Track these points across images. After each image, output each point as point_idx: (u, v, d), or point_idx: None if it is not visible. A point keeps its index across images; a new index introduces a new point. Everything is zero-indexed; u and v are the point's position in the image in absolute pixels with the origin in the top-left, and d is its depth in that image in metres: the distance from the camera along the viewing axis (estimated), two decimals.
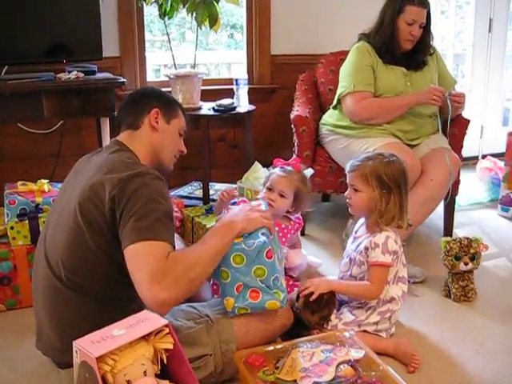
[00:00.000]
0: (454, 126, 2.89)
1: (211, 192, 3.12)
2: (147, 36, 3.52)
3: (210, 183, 3.17)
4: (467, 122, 2.91)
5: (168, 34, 3.05)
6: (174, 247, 1.62)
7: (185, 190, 3.29)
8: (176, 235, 2.40)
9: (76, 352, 1.29)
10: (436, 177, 2.61)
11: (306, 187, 2.23)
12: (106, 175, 1.62)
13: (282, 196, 2.18)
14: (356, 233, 2.14)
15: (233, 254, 1.74)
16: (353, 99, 2.78)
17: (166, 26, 3.02)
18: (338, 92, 2.88)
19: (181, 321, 1.75)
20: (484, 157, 4.05)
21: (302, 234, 3.05)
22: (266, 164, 3.47)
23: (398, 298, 2.02)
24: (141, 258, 1.52)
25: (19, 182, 2.49)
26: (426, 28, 2.80)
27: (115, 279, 1.66)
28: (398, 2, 2.75)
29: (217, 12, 2.93)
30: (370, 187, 1.98)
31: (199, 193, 3.17)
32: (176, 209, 2.69)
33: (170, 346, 1.35)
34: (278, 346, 1.76)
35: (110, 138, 2.70)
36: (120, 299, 1.69)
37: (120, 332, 1.32)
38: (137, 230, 1.54)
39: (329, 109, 3.04)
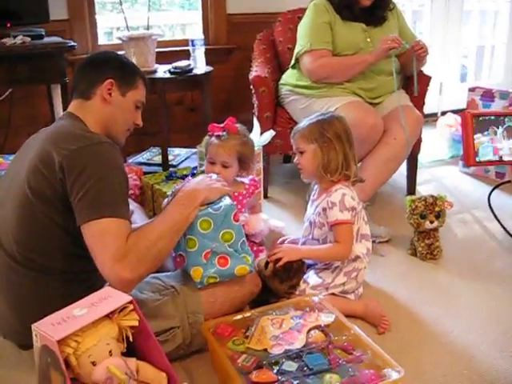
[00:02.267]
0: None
1: (170, 157, 3.04)
2: None
3: (169, 148, 3.08)
4: (428, 78, 2.89)
5: None
6: (130, 221, 1.57)
7: (143, 157, 3.19)
8: (136, 204, 2.35)
9: (36, 336, 1.23)
10: (399, 135, 2.58)
11: (248, 147, 2.12)
12: (54, 145, 1.54)
13: (225, 167, 2.07)
14: (313, 196, 2.11)
15: (199, 219, 1.69)
16: (310, 58, 2.71)
17: None
18: (296, 51, 2.81)
19: (146, 293, 1.69)
20: (443, 113, 4.05)
21: (265, 196, 3.01)
22: None
23: (363, 255, 2.01)
24: (101, 237, 1.48)
25: None
26: None
27: (70, 252, 1.60)
28: None
29: None
30: (311, 144, 1.98)
31: (158, 159, 3.08)
32: (135, 176, 2.60)
33: (135, 323, 1.31)
34: (247, 314, 1.74)
35: (63, 105, 2.57)
36: (78, 273, 1.64)
37: (82, 312, 1.26)
38: (95, 205, 1.48)
39: (288, 69, 2.96)
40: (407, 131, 2.55)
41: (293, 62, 2.87)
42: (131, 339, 1.31)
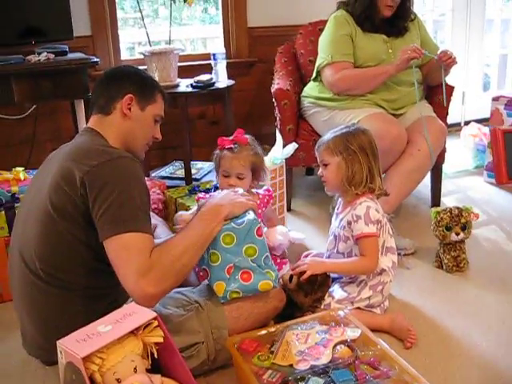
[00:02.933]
0: (439, 94, 2.84)
1: (193, 171, 3.04)
2: (119, 14, 3.39)
3: (192, 162, 3.09)
4: (452, 88, 2.85)
5: (141, 11, 2.92)
6: (153, 236, 1.57)
7: (166, 171, 3.20)
8: (159, 219, 2.35)
9: (61, 353, 1.22)
10: (423, 146, 2.55)
11: (259, 157, 2.12)
12: (75, 161, 1.54)
13: (240, 178, 2.06)
14: (338, 209, 2.09)
15: (222, 234, 1.69)
16: (331, 70, 2.70)
17: (138, 2, 2.90)
18: (317, 63, 2.81)
19: (170, 309, 1.69)
20: (467, 123, 4.00)
21: (289, 209, 2.99)
22: None
23: (389, 269, 1.98)
24: (124, 252, 1.47)
25: None
26: None
27: (93, 268, 1.60)
28: None
29: None
30: (335, 157, 1.97)
31: (181, 173, 3.09)
32: (158, 191, 2.61)
33: (160, 340, 1.29)
34: (272, 330, 1.71)
35: (86, 120, 2.59)
36: (102, 289, 1.64)
37: (106, 328, 1.25)
38: (117, 220, 1.48)
39: (309, 81, 2.96)
40: (429, 142, 2.52)
41: (314, 74, 2.87)
42: (156, 356, 1.30)
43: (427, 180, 2.94)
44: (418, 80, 2.79)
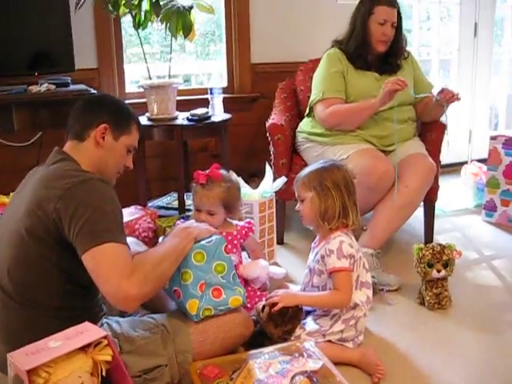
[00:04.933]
0: (431, 131, 2.88)
1: (188, 202, 3.10)
2: (136, 48, 3.52)
3: (188, 193, 3.15)
4: (444, 126, 2.88)
5: (142, 45, 3.04)
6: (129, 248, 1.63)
7: (163, 201, 3.28)
8: (146, 248, 2.40)
9: (9, 366, 1.27)
10: (411, 183, 2.57)
11: (232, 193, 2.16)
12: (48, 188, 1.60)
13: (211, 214, 2.13)
14: (315, 243, 2.12)
15: (193, 252, 1.78)
16: (322, 106, 2.77)
17: (139, 37, 3.02)
18: (310, 100, 2.88)
19: (138, 331, 1.72)
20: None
21: (281, 242, 3.02)
22: (248, 173, 3.48)
23: (362, 303, 1.99)
24: (105, 259, 1.52)
25: None
26: (398, 29, 2.80)
27: (66, 289, 1.64)
28: (368, 5, 2.76)
29: (191, 21, 2.92)
30: (309, 192, 2.01)
31: (176, 203, 3.15)
32: (149, 219, 2.68)
33: (109, 358, 1.33)
34: (235, 357, 1.74)
35: None
36: (75, 310, 1.68)
37: (56, 344, 1.30)
38: (94, 234, 1.53)
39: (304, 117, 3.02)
40: (395, 196, 2.53)
41: (308, 110, 2.94)
42: (104, 374, 1.34)
43: (421, 216, 2.96)
44: (411, 117, 2.84)
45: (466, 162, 4.28)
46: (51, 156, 1.78)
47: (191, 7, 2.93)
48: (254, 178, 3.44)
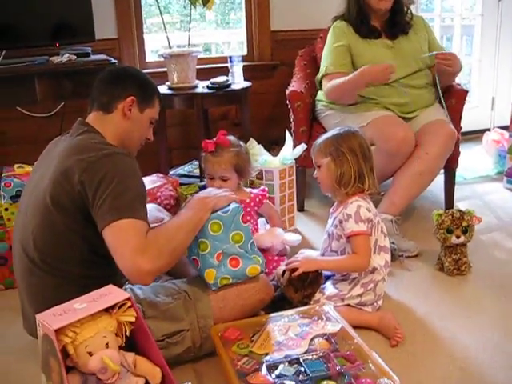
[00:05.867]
0: (452, 97, 2.85)
1: None
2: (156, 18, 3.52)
3: None
4: (465, 92, 2.85)
5: (162, 15, 3.04)
6: (148, 224, 1.66)
7: (184, 169, 3.31)
8: (169, 214, 2.44)
9: (39, 325, 1.32)
10: (431, 150, 2.56)
11: (242, 157, 2.19)
12: (73, 159, 1.63)
13: (224, 180, 2.15)
14: (333, 209, 2.13)
15: (210, 222, 1.79)
16: (325, 81, 2.81)
17: (159, 6, 3.02)
18: (317, 75, 2.92)
19: (160, 297, 1.78)
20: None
21: (302, 209, 3.05)
22: (269, 140, 3.49)
23: (380, 267, 2.01)
24: (122, 235, 1.56)
25: (16, 165, 2.55)
26: None
27: (88, 259, 1.70)
28: None
29: None
30: (325, 158, 2.02)
31: (198, 171, 3.19)
32: (171, 187, 2.71)
33: (132, 319, 1.38)
34: (256, 320, 1.79)
35: None
36: (96, 278, 1.70)
37: (82, 305, 1.35)
38: (114, 209, 1.57)
39: None
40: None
41: (318, 85, 2.96)
42: (128, 334, 1.39)
43: (442, 183, 2.95)
44: (429, 83, 2.80)
45: (488, 129, 4.23)
46: (75, 127, 1.81)
47: None
48: (274, 145, 3.44)
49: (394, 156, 2.53)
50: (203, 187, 2.70)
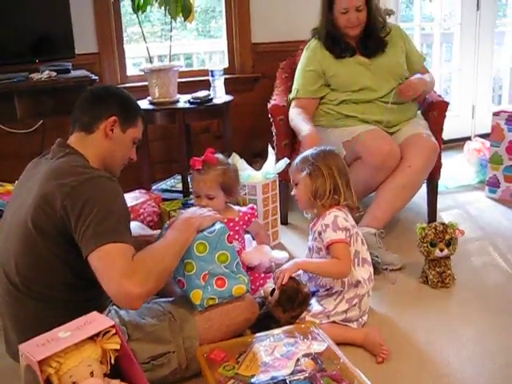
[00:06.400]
0: (433, 109, 2.87)
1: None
2: (133, 28, 3.51)
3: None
4: (446, 104, 2.87)
5: (142, 28, 3.03)
6: (134, 247, 1.64)
7: (167, 184, 3.30)
8: (152, 232, 2.42)
9: (21, 356, 1.30)
10: (414, 163, 2.58)
11: (229, 175, 2.16)
12: (54, 184, 1.61)
13: (210, 198, 2.13)
14: (312, 224, 2.15)
15: (195, 243, 1.79)
16: (292, 104, 2.87)
17: (139, 19, 3.00)
18: (289, 95, 2.96)
19: (145, 319, 1.76)
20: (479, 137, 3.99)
21: (285, 223, 3.04)
22: (252, 153, 3.49)
23: (364, 281, 2.02)
24: (108, 260, 1.55)
25: None
26: (369, 8, 2.70)
27: (72, 283, 1.68)
28: None
29: (190, 3, 2.90)
30: (301, 173, 2.07)
31: (180, 186, 3.17)
32: (153, 204, 2.70)
33: (117, 346, 1.36)
34: (241, 340, 1.78)
35: None
36: (81, 302, 1.71)
37: (65, 334, 1.33)
38: (99, 234, 1.56)
39: None
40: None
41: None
42: (113, 361, 1.37)
43: (425, 194, 2.97)
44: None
45: (469, 138, 4.27)
46: (55, 149, 1.78)
47: None
48: (257, 158, 3.45)
49: (380, 170, 2.54)
50: (186, 203, 2.70)
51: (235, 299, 1.84)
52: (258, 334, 1.80)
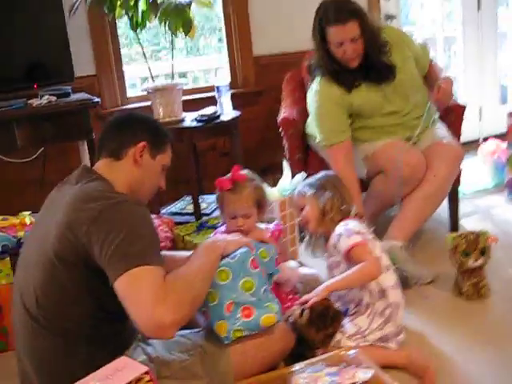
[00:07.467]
0: (450, 114, 2.76)
1: (204, 205, 3.00)
2: (136, 49, 3.41)
3: (202, 196, 3.05)
4: (463, 108, 2.77)
5: (142, 46, 2.94)
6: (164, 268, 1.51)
7: (176, 206, 3.17)
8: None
9: None
10: (439, 172, 2.46)
11: (261, 190, 2.06)
12: (80, 210, 1.50)
13: (247, 217, 2.00)
14: (325, 246, 2.10)
15: (217, 270, 1.66)
16: (332, 153, 2.55)
17: (138, 38, 2.90)
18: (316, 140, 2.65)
19: (174, 354, 1.63)
20: (485, 140, 3.90)
21: (301, 241, 2.91)
22: (260, 168, 3.37)
23: (390, 288, 1.93)
24: (138, 283, 1.42)
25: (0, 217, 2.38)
26: (365, 38, 2.44)
27: (96, 316, 1.56)
28: (318, 30, 2.49)
29: (190, 18, 2.79)
30: (306, 195, 2.11)
31: (191, 207, 3.05)
32: (166, 228, 2.57)
33: None
34: (279, 373, 1.64)
35: (90, 162, 2.57)
36: (105, 336, 1.58)
37: None
38: (127, 257, 1.43)
39: None
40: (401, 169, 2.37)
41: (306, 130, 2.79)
42: None
43: (445, 202, 2.85)
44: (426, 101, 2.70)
45: (477, 141, 4.17)
46: (80, 174, 1.66)
47: (190, 3, 2.80)
48: (266, 173, 3.33)
49: (406, 184, 2.42)
50: (200, 225, 2.57)
51: (267, 329, 1.71)
52: (296, 365, 1.66)
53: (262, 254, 1.81)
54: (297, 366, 1.65)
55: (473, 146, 3.91)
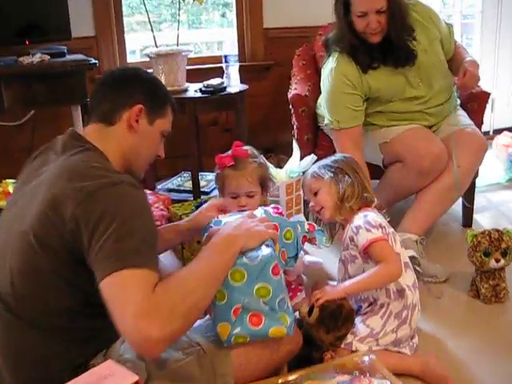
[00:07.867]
0: (473, 101, 2.59)
1: (202, 183, 2.82)
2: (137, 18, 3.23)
3: (202, 173, 2.87)
4: (488, 95, 2.61)
5: (148, 12, 2.72)
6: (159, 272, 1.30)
7: (173, 183, 2.99)
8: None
9: None
10: (463, 163, 2.28)
11: (265, 167, 1.91)
12: (68, 186, 1.30)
13: (250, 196, 1.84)
14: (339, 234, 1.94)
15: (231, 269, 1.43)
16: (342, 137, 2.39)
17: (144, 4, 2.69)
18: (325, 122, 2.48)
19: (169, 352, 1.42)
20: (496, 132, 3.73)
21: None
22: (263, 148, 3.18)
23: (409, 288, 1.77)
24: (124, 289, 1.21)
25: None
26: (391, 13, 2.24)
27: (77, 310, 1.36)
28: None
29: None
30: (323, 179, 1.88)
31: (189, 184, 2.87)
32: (162, 206, 2.38)
33: None
34: (285, 379, 1.47)
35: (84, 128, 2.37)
36: (89, 330, 1.39)
37: None
38: (117, 254, 1.23)
39: None
40: (455, 164, 2.24)
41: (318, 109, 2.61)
42: None
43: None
44: (450, 86, 2.51)
45: (488, 133, 4.01)
46: (67, 141, 1.45)
47: None
48: (270, 154, 3.16)
49: (427, 174, 2.26)
50: (200, 204, 2.37)
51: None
52: (305, 371, 1.49)
53: (286, 235, 1.63)
54: (304, 372, 1.49)
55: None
